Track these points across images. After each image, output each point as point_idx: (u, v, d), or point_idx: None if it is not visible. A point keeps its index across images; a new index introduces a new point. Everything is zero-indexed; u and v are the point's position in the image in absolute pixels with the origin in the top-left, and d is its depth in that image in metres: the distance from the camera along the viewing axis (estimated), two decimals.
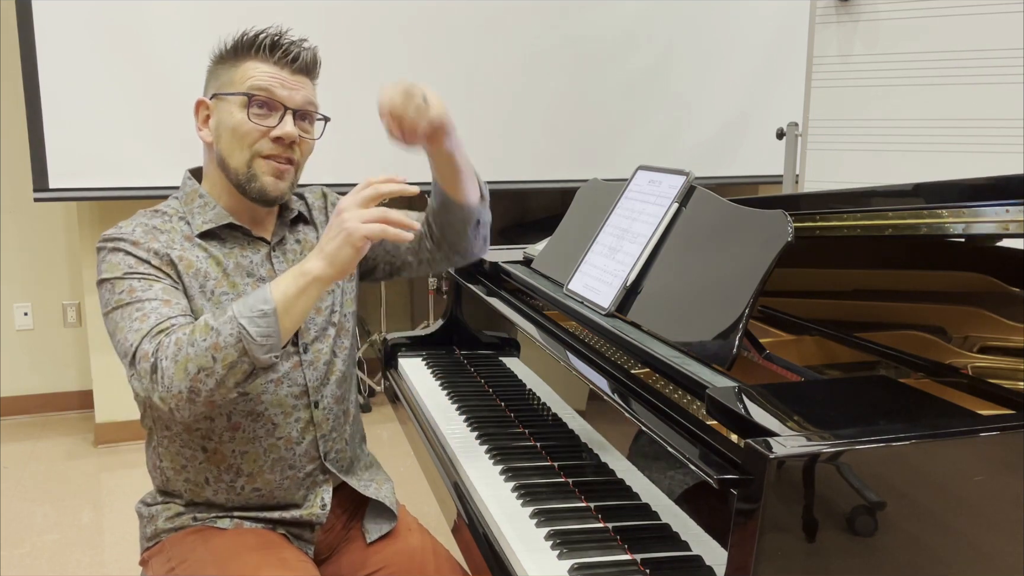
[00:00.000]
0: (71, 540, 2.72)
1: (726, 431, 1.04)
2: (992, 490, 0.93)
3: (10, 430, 3.64)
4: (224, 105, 1.34)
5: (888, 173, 2.61)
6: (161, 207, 1.39)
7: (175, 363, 1.17)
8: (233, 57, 1.36)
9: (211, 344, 1.16)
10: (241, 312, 1.18)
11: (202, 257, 1.34)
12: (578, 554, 1.12)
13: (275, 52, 1.34)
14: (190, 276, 1.32)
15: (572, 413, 1.41)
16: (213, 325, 1.18)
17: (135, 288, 1.26)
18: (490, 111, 3.61)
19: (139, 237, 1.31)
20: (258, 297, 1.19)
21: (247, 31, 1.35)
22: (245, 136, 1.33)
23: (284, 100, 1.34)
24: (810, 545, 0.87)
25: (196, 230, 1.36)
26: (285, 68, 1.35)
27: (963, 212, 1.45)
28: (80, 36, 3.08)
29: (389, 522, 1.49)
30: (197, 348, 1.17)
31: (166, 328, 1.22)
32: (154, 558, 1.39)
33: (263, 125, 1.33)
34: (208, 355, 1.16)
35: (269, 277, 1.37)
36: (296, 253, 1.44)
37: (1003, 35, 2.40)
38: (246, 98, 1.32)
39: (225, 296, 1.34)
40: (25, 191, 3.22)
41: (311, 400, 1.39)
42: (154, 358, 1.19)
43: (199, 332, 1.18)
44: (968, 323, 1.45)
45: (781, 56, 3.86)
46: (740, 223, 1.32)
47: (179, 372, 1.17)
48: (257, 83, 1.33)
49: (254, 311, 1.18)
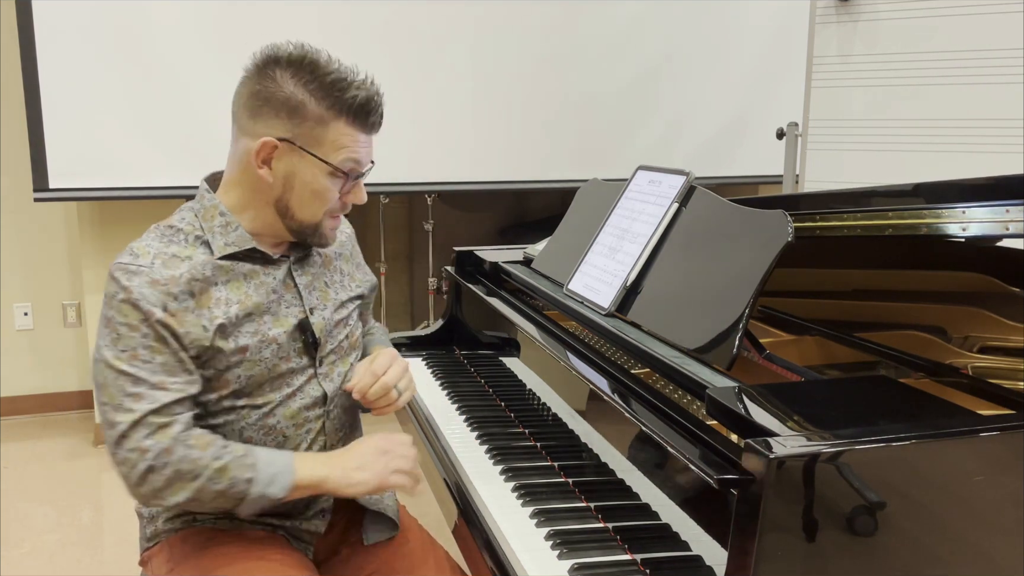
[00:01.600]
0: (71, 540, 2.72)
1: (726, 431, 1.04)
2: (992, 490, 0.93)
3: (10, 430, 3.64)
4: (304, 162, 1.27)
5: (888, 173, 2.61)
6: (175, 222, 1.31)
7: (178, 481, 1.20)
8: (325, 108, 1.25)
9: (221, 489, 1.22)
10: (261, 482, 1.24)
11: (222, 283, 1.29)
12: (578, 554, 1.12)
13: (367, 119, 1.28)
14: (212, 306, 1.27)
15: (572, 413, 1.41)
16: (233, 476, 1.22)
17: (137, 355, 1.21)
18: (490, 111, 3.61)
19: (158, 274, 1.23)
20: (281, 478, 1.25)
21: (338, 77, 1.26)
22: (327, 202, 1.30)
23: (364, 167, 1.32)
24: (810, 545, 0.87)
25: (217, 252, 1.29)
26: (369, 133, 1.31)
27: (963, 212, 1.45)
28: (80, 36, 3.08)
29: (391, 530, 1.48)
30: (206, 484, 1.21)
31: (165, 424, 1.21)
32: (154, 558, 1.39)
33: (345, 192, 1.32)
34: (212, 493, 1.22)
35: (287, 294, 1.35)
36: (317, 266, 1.41)
37: (1003, 35, 2.40)
38: (343, 174, 1.29)
39: (248, 319, 1.29)
40: (25, 191, 3.22)
41: (325, 410, 1.38)
42: (152, 462, 1.19)
43: (214, 471, 1.21)
44: (968, 323, 1.45)
45: (781, 56, 3.85)
46: (740, 223, 1.32)
47: (177, 490, 1.21)
48: (352, 156, 1.28)
49: (273, 486, 1.24)
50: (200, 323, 1.24)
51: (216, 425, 1.30)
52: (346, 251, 1.49)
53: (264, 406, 1.32)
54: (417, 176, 3.55)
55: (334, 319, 1.40)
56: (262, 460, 1.25)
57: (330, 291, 1.41)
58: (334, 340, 1.40)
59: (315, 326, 1.35)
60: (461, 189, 3.68)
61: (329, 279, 1.42)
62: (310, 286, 1.38)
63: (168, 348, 1.22)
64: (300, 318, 1.34)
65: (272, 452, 1.28)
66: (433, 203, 3.93)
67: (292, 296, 1.35)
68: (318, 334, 1.35)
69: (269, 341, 1.30)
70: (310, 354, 1.35)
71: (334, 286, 1.42)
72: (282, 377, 1.33)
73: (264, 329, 1.30)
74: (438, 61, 3.50)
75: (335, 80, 1.25)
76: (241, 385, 1.29)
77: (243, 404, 1.30)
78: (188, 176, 3.14)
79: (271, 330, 1.31)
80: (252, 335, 1.29)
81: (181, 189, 3.19)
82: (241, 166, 1.30)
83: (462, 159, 3.62)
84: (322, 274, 1.41)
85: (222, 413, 1.30)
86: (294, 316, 1.34)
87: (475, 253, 2.06)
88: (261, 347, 1.29)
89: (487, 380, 1.80)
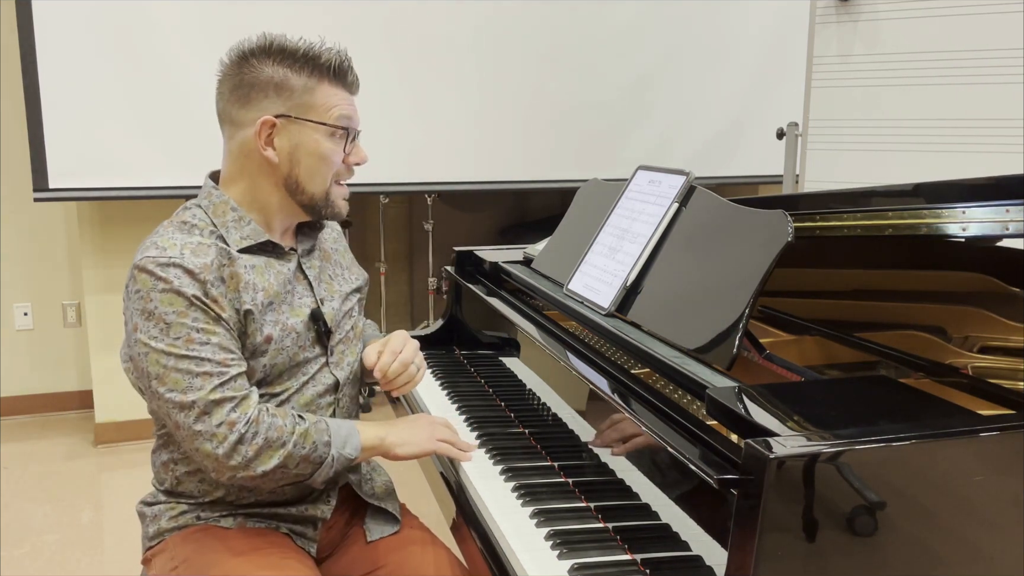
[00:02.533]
0: (71, 540, 2.72)
1: (726, 431, 1.04)
2: (992, 490, 0.93)
3: (10, 430, 3.64)
4: (304, 131, 1.32)
5: (888, 173, 2.61)
6: (188, 219, 1.33)
7: (267, 449, 1.26)
8: (307, 76, 1.32)
9: (305, 454, 1.29)
10: (337, 444, 1.32)
11: (248, 268, 1.32)
12: (578, 554, 1.12)
13: (344, 75, 1.35)
14: (242, 291, 1.30)
15: (572, 413, 1.41)
16: (315, 440, 1.30)
17: (192, 339, 1.24)
18: (491, 111, 3.61)
19: (190, 263, 1.26)
20: (352, 439, 1.34)
21: (308, 49, 1.33)
22: (332, 165, 1.35)
23: (357, 126, 1.37)
24: (810, 545, 0.87)
25: (234, 246, 1.32)
26: (350, 91, 1.37)
27: (963, 212, 1.45)
28: (80, 36, 3.08)
29: (392, 525, 1.49)
30: (293, 449, 1.27)
31: (244, 396, 1.26)
32: (156, 557, 1.39)
33: (348, 153, 1.37)
34: (297, 459, 1.28)
35: (302, 284, 1.40)
36: (321, 259, 1.47)
37: (1003, 35, 2.40)
38: (336, 130, 1.34)
39: (270, 308, 1.33)
40: (25, 191, 3.22)
41: (335, 398, 1.43)
42: (243, 431, 1.24)
43: (298, 436, 1.28)
44: (968, 323, 1.45)
45: (781, 56, 3.85)
46: (740, 223, 1.32)
47: (266, 458, 1.26)
48: (343, 113, 1.34)
49: (347, 447, 1.33)
50: (233, 307, 1.29)
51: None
52: (340, 247, 1.55)
53: (281, 394, 1.36)
54: (417, 176, 3.56)
55: (342, 310, 1.45)
56: (333, 425, 1.33)
57: (335, 283, 1.47)
58: (342, 330, 1.45)
59: (327, 316, 1.41)
60: (461, 189, 3.68)
61: (332, 272, 1.48)
62: (318, 278, 1.44)
63: (220, 327, 1.27)
64: (313, 308, 1.39)
65: (335, 420, 1.36)
66: (433, 203, 3.93)
67: (304, 287, 1.40)
68: (330, 323, 1.41)
69: (289, 330, 1.35)
70: (322, 343, 1.40)
71: (337, 279, 1.48)
72: (299, 366, 1.38)
73: (284, 319, 1.35)
74: (439, 61, 3.50)
75: (306, 51, 1.32)
76: (265, 374, 1.34)
77: (263, 392, 1.34)
78: (188, 176, 3.14)
79: (290, 319, 1.36)
80: (275, 324, 1.34)
81: (181, 189, 3.19)
82: (240, 160, 1.35)
83: (462, 159, 3.62)
84: (325, 267, 1.47)
85: None
86: (307, 306, 1.39)
87: (475, 253, 2.06)
88: (283, 336, 1.34)
89: (487, 380, 1.80)
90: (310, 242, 1.45)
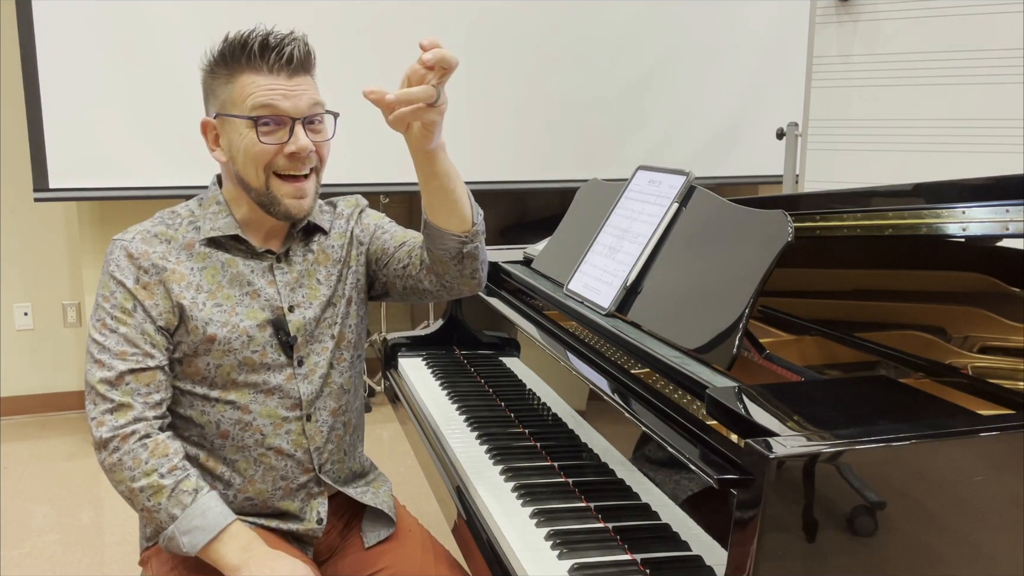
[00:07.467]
0: (71, 540, 2.72)
1: (726, 431, 1.04)
2: (992, 490, 0.93)
3: (10, 430, 3.64)
4: (231, 125, 1.29)
5: (888, 173, 2.61)
6: (179, 208, 1.38)
7: (120, 470, 1.26)
8: (226, 69, 1.29)
9: (148, 508, 1.26)
10: (181, 527, 1.25)
11: (196, 268, 1.32)
12: (578, 554, 1.12)
13: (267, 56, 1.26)
14: (181, 287, 1.31)
15: (572, 413, 1.41)
16: (163, 503, 1.25)
17: (106, 324, 1.29)
18: (490, 112, 3.61)
19: (136, 248, 1.31)
20: (198, 536, 1.24)
21: (233, 36, 1.28)
22: (259, 157, 1.28)
23: (290, 112, 1.27)
24: (810, 545, 0.87)
25: (202, 235, 1.33)
26: (282, 73, 1.27)
27: (963, 212, 1.45)
28: (80, 36, 3.08)
29: (388, 527, 1.48)
30: (140, 495, 1.25)
31: (123, 405, 1.27)
32: (154, 558, 1.39)
33: (275, 143, 1.27)
34: (140, 505, 1.27)
35: (265, 288, 1.35)
36: (307, 263, 1.40)
37: (1003, 35, 2.40)
38: (252, 120, 1.27)
39: (217, 308, 1.32)
40: (25, 191, 3.22)
41: (304, 413, 1.37)
42: (106, 437, 1.26)
43: (151, 485, 1.25)
44: (968, 323, 1.45)
45: (781, 56, 3.86)
46: (740, 223, 1.32)
47: (116, 479, 1.27)
48: (259, 100, 1.26)
49: (188, 537, 1.25)
50: (169, 299, 1.30)
51: (194, 417, 1.34)
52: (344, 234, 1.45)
53: (239, 401, 1.34)
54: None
55: (320, 318, 1.39)
56: (198, 507, 1.25)
57: (320, 288, 1.40)
58: (316, 340, 1.39)
59: (291, 324, 1.36)
60: None
61: (322, 276, 1.41)
62: (295, 283, 1.38)
63: (132, 319, 1.29)
64: (277, 315, 1.35)
65: (215, 509, 1.27)
66: None
67: (272, 291, 1.36)
68: (293, 332, 1.36)
69: (239, 333, 1.33)
70: (287, 352, 1.36)
71: (326, 283, 1.41)
72: (256, 372, 1.34)
73: (235, 320, 1.33)
74: None
75: (231, 43, 1.29)
76: (211, 374, 1.33)
77: (217, 396, 1.33)
78: (188, 176, 3.14)
79: (242, 322, 1.33)
80: (222, 325, 1.32)
81: (181, 189, 3.19)
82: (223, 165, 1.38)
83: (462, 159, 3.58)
84: (313, 271, 1.40)
85: (199, 403, 1.34)
86: (269, 311, 1.35)
87: None
88: (231, 338, 1.32)
89: (487, 380, 1.80)
90: (290, 243, 1.39)
